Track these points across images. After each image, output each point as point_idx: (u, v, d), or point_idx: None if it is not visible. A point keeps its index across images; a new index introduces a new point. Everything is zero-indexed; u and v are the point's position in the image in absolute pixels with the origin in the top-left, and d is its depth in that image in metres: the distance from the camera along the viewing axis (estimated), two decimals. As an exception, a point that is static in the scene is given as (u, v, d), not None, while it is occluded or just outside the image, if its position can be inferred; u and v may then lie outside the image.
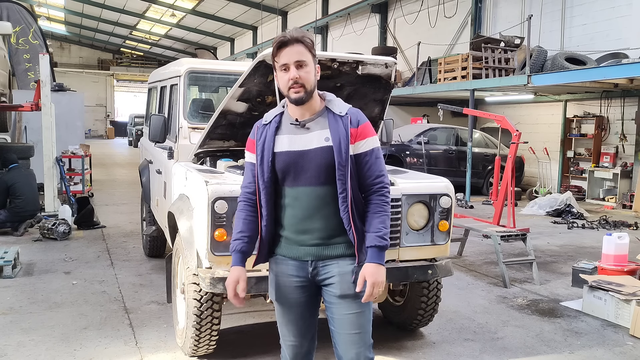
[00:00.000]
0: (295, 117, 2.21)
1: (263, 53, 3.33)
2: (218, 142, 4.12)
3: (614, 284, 4.62)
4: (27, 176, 7.50)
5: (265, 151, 2.20)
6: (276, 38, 2.17)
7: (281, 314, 2.31)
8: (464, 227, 6.36)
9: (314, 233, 2.20)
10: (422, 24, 16.50)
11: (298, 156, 2.17)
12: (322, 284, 2.25)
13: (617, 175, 11.50)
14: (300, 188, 2.18)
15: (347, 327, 2.21)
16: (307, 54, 2.15)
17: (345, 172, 2.13)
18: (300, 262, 2.24)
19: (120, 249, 6.48)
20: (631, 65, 8.77)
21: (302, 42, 2.13)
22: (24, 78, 12.32)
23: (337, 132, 2.15)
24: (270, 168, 2.19)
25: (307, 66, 2.14)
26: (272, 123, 2.24)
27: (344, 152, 2.13)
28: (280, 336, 2.36)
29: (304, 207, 2.18)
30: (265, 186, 2.20)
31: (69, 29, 36.60)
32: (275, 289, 2.29)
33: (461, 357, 3.77)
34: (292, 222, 2.21)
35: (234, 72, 4.63)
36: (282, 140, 2.20)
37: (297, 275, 2.24)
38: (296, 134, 2.19)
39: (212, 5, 25.90)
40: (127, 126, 31.54)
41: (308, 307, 2.30)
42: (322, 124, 2.19)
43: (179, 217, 3.53)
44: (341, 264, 2.21)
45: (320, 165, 2.15)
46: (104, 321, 4.18)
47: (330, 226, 2.19)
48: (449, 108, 9.02)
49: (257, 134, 2.26)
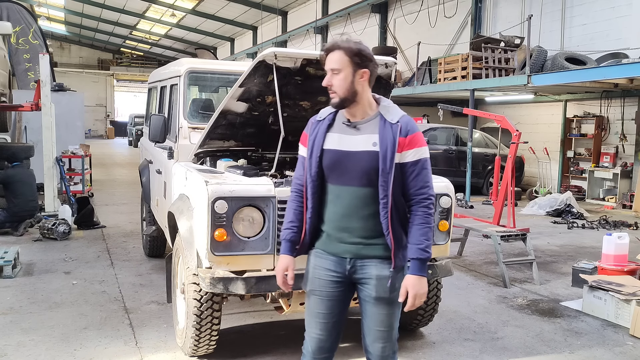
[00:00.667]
0: (348, 118, 2.28)
1: (263, 53, 3.34)
2: (218, 142, 4.12)
3: (614, 284, 4.62)
4: (28, 175, 7.51)
5: (315, 146, 2.28)
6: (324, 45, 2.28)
7: (312, 306, 2.37)
8: (464, 227, 6.36)
9: (353, 232, 2.27)
10: (422, 24, 16.50)
11: (344, 156, 2.24)
12: (359, 283, 2.32)
13: (617, 175, 11.51)
14: (342, 187, 2.25)
15: (378, 324, 2.31)
16: (345, 62, 2.20)
17: (387, 179, 2.19)
18: (338, 259, 2.31)
19: (120, 249, 6.48)
20: (631, 65, 8.77)
21: (341, 50, 2.20)
22: (24, 78, 12.32)
23: (385, 139, 2.20)
24: (317, 163, 2.27)
25: (341, 73, 2.20)
26: (325, 120, 2.32)
27: (389, 160, 2.18)
28: (306, 328, 2.41)
29: (344, 205, 2.26)
30: (312, 180, 2.28)
31: (69, 29, 36.60)
32: (310, 280, 2.36)
33: (461, 357, 3.77)
34: (333, 219, 2.29)
35: (234, 72, 4.63)
36: (332, 138, 2.28)
37: (334, 271, 2.32)
38: (346, 133, 2.27)
39: (212, 5, 25.90)
40: (127, 126, 31.53)
41: (339, 303, 2.36)
42: (372, 128, 2.25)
43: (179, 217, 3.53)
44: (379, 267, 2.28)
45: (363, 168, 2.22)
46: (104, 321, 4.18)
47: (369, 227, 2.26)
48: (449, 108, 9.02)
49: (310, 129, 2.35)
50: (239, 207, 3.11)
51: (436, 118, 11.46)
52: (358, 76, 2.22)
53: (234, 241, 3.11)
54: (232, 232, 3.10)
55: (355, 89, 2.22)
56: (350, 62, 2.20)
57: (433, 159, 10.90)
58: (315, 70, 3.53)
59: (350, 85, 2.21)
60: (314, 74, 3.57)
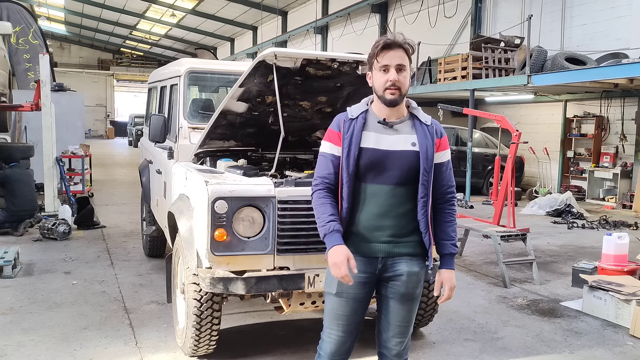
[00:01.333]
0: (383, 117, 2.29)
1: (263, 53, 3.34)
2: (218, 142, 4.12)
3: (614, 284, 4.62)
4: (26, 175, 7.51)
5: (352, 145, 2.25)
6: (381, 39, 2.26)
7: (335, 308, 2.35)
8: (464, 227, 6.36)
9: (386, 230, 2.28)
10: (422, 24, 16.49)
11: (383, 155, 2.25)
12: (388, 280, 2.34)
13: (617, 175, 11.50)
14: (380, 186, 2.26)
15: (399, 319, 2.36)
16: (407, 60, 2.26)
17: (429, 178, 2.27)
18: (369, 259, 2.31)
19: (120, 249, 6.48)
20: (631, 65, 8.77)
21: (403, 48, 2.23)
22: (24, 78, 12.32)
23: (425, 139, 2.27)
24: (355, 162, 2.25)
25: (406, 71, 2.25)
26: (359, 119, 2.30)
27: (429, 159, 2.26)
28: (326, 329, 2.40)
29: (380, 204, 2.27)
30: (349, 179, 2.26)
31: (69, 29, 36.60)
32: (338, 282, 2.30)
33: (461, 357, 3.78)
34: (366, 218, 2.28)
35: (234, 72, 4.63)
36: (369, 137, 2.27)
37: (364, 272, 2.30)
38: (383, 133, 2.28)
39: (212, 5, 25.90)
40: (127, 126, 31.53)
41: (363, 305, 2.37)
42: (408, 128, 2.30)
43: (179, 217, 3.53)
44: (409, 264, 2.32)
45: (404, 166, 2.25)
46: (104, 321, 4.18)
47: (402, 225, 2.29)
48: (449, 108, 9.02)
49: (343, 127, 2.29)
50: (239, 207, 3.11)
51: (436, 118, 11.28)
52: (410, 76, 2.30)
53: (234, 241, 3.11)
54: (232, 232, 3.10)
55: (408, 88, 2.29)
56: (409, 60, 2.27)
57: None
58: (315, 70, 3.53)
59: (409, 84, 2.28)
60: (313, 74, 3.57)
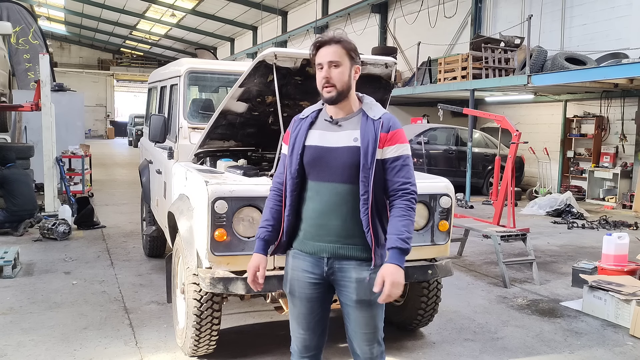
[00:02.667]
0: (330, 115, 2.28)
1: (263, 53, 3.34)
2: (218, 142, 4.12)
3: (614, 284, 4.62)
4: (24, 175, 7.51)
5: (296, 143, 2.28)
6: (316, 39, 2.25)
7: (292, 307, 2.37)
8: (464, 227, 6.36)
9: (330, 229, 2.23)
10: (422, 24, 16.50)
11: (325, 152, 2.22)
12: (338, 285, 2.29)
13: (617, 175, 11.51)
14: (322, 183, 2.23)
15: (362, 327, 2.29)
16: (344, 56, 2.20)
17: (368, 175, 2.16)
18: (316, 259, 2.27)
19: (120, 249, 6.48)
20: (631, 65, 8.77)
21: (339, 43, 2.20)
22: (24, 78, 12.32)
23: (367, 135, 2.19)
24: (298, 160, 2.25)
25: (341, 67, 2.19)
26: (308, 118, 2.32)
27: (370, 155, 2.16)
28: (290, 328, 2.41)
29: (323, 201, 2.23)
30: (292, 177, 2.27)
31: (69, 29, 36.59)
32: (289, 282, 2.34)
33: (461, 357, 3.77)
34: (311, 216, 2.26)
35: (234, 72, 4.63)
36: (313, 135, 2.27)
37: (312, 272, 2.29)
38: (328, 130, 2.26)
39: (212, 5, 25.90)
40: (127, 126, 31.54)
41: (320, 303, 2.34)
42: (354, 124, 2.24)
43: (179, 217, 3.53)
44: (358, 269, 2.25)
45: (345, 163, 2.20)
46: (104, 321, 4.18)
47: (348, 225, 2.22)
48: (449, 108, 9.02)
49: (292, 127, 2.35)
50: (239, 207, 3.11)
51: (436, 118, 11.47)
52: (353, 71, 2.23)
53: (234, 241, 3.11)
54: (232, 232, 3.10)
55: (350, 84, 2.23)
56: (348, 56, 2.21)
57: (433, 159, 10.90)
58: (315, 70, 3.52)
59: (348, 80, 2.21)
60: (313, 74, 3.55)
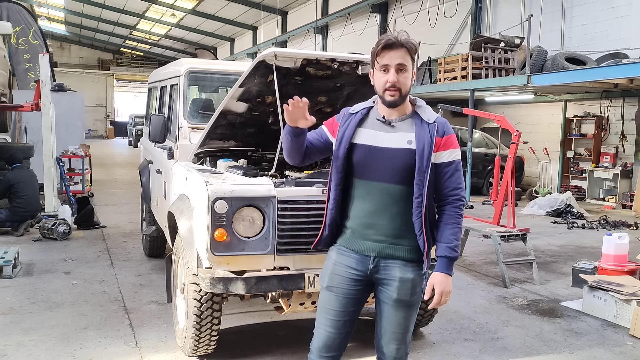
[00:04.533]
0: (383, 115, 2.26)
1: (263, 53, 3.33)
2: (218, 142, 4.12)
3: (614, 284, 4.62)
4: (30, 176, 7.51)
5: (344, 139, 2.26)
6: (382, 38, 2.20)
7: (326, 302, 2.34)
8: (464, 227, 6.35)
9: (379, 229, 2.23)
10: (422, 24, 16.49)
11: (378, 152, 2.21)
12: (380, 283, 2.29)
13: (617, 175, 11.50)
14: (374, 182, 2.22)
15: (394, 326, 2.30)
16: (409, 59, 2.19)
17: (423, 178, 2.17)
18: (362, 257, 2.27)
19: (120, 249, 6.48)
20: (631, 65, 8.77)
21: (406, 47, 2.17)
22: (24, 78, 12.32)
23: (422, 138, 2.18)
24: (344, 156, 2.24)
25: (407, 72, 2.19)
26: (357, 114, 2.30)
27: (425, 159, 2.16)
28: (316, 323, 2.38)
29: (373, 201, 2.22)
30: (337, 172, 2.27)
31: (69, 29, 36.59)
32: (329, 276, 2.32)
33: (461, 357, 3.77)
34: (360, 215, 2.25)
35: (234, 72, 4.63)
36: (364, 133, 2.26)
37: (356, 269, 2.28)
38: (380, 130, 2.25)
39: (212, 5, 25.89)
40: (127, 126, 31.53)
41: (354, 302, 2.33)
42: (408, 126, 2.23)
43: (179, 217, 3.53)
44: (403, 269, 2.25)
45: (398, 165, 2.19)
46: (104, 321, 4.18)
47: (396, 226, 2.23)
48: (449, 108, 9.02)
49: (342, 119, 2.32)
50: (239, 207, 3.11)
51: (436, 118, 11.43)
52: (413, 76, 2.24)
53: (234, 241, 3.11)
54: (232, 232, 3.10)
55: (410, 88, 2.23)
56: (412, 60, 2.21)
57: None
58: (315, 70, 3.53)
59: (410, 85, 2.21)
60: (313, 74, 3.57)
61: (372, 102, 2.33)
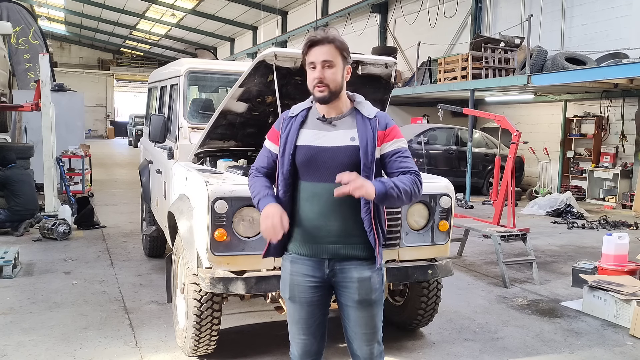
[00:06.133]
0: (323, 114, 2.24)
1: (263, 53, 3.34)
2: (218, 142, 4.12)
3: (614, 284, 4.62)
4: (26, 175, 7.51)
5: (288, 143, 2.22)
6: (307, 37, 2.20)
7: (292, 312, 2.32)
8: (464, 227, 6.36)
9: (330, 231, 2.19)
10: (422, 24, 16.50)
11: (321, 152, 2.18)
12: (340, 287, 2.26)
13: (617, 175, 11.51)
14: (320, 184, 2.18)
15: (362, 327, 2.26)
16: (337, 55, 2.16)
17: (369, 174, 2.14)
18: (316, 261, 2.24)
19: (120, 249, 6.48)
20: (631, 65, 8.77)
21: (332, 43, 2.16)
22: (24, 78, 12.33)
23: (365, 134, 2.16)
24: (290, 161, 2.20)
25: (334, 67, 2.15)
26: (298, 116, 2.27)
27: (370, 154, 2.14)
28: (290, 334, 2.37)
29: (322, 203, 2.18)
30: (284, 178, 2.22)
31: (69, 29, 36.59)
32: (289, 287, 2.29)
33: (461, 357, 3.77)
34: (309, 217, 2.20)
35: (234, 72, 4.63)
36: (306, 135, 2.22)
37: (312, 275, 2.25)
38: (322, 129, 2.21)
39: (212, 5, 25.89)
40: (127, 126, 31.54)
41: (320, 307, 2.31)
42: (349, 123, 2.21)
43: (179, 217, 3.53)
44: (359, 269, 2.22)
45: (343, 163, 2.16)
46: (104, 321, 4.18)
47: (347, 225, 2.19)
48: (449, 108, 9.02)
49: (282, 125, 2.28)
50: (239, 207, 3.11)
51: (436, 118, 11.46)
52: (345, 72, 2.21)
53: (234, 241, 3.11)
54: (232, 232, 3.10)
55: (342, 85, 2.20)
56: (341, 56, 2.18)
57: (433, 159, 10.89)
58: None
59: (340, 80, 2.18)
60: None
61: (310, 102, 2.30)
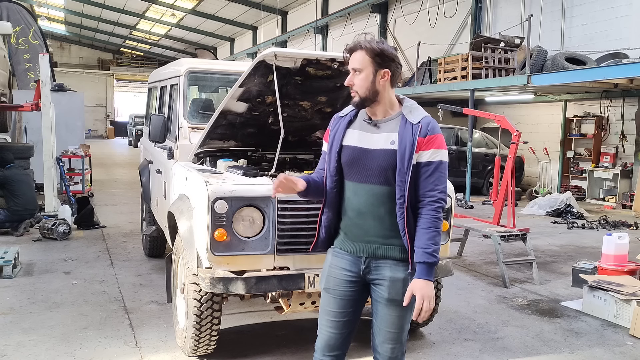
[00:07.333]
0: (369, 116, 2.31)
1: (263, 53, 3.33)
2: (218, 142, 4.12)
3: (614, 284, 4.62)
4: (25, 175, 7.51)
5: (334, 142, 2.32)
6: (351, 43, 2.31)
7: (324, 302, 2.39)
8: (464, 227, 6.36)
9: (368, 230, 2.27)
10: (422, 24, 16.50)
11: (362, 153, 2.25)
12: (372, 283, 2.32)
13: (617, 175, 11.50)
14: (360, 184, 2.26)
15: (388, 325, 2.31)
16: (367, 62, 2.22)
17: (404, 179, 2.18)
18: (354, 258, 2.31)
19: (120, 249, 6.48)
20: (631, 65, 8.77)
21: (363, 49, 2.22)
22: (24, 78, 12.32)
23: (404, 138, 2.20)
24: (336, 159, 2.30)
25: (362, 73, 2.23)
26: (346, 117, 2.35)
27: (407, 159, 2.18)
28: (319, 325, 2.41)
29: (361, 202, 2.26)
30: (331, 175, 2.32)
31: (69, 29, 36.59)
32: (326, 279, 2.38)
33: (461, 357, 3.78)
34: (350, 216, 2.30)
35: (234, 72, 4.63)
36: (352, 135, 2.30)
37: (349, 270, 2.32)
38: (366, 131, 2.29)
39: (212, 5, 25.90)
40: (127, 126, 31.54)
41: (352, 303, 2.36)
42: (392, 127, 2.25)
43: (179, 217, 3.53)
44: (393, 269, 2.27)
45: (381, 166, 2.22)
46: (104, 321, 4.18)
47: (385, 226, 2.25)
48: (449, 108, 9.02)
49: (332, 125, 2.39)
50: (239, 207, 3.11)
51: (436, 118, 11.32)
52: (379, 76, 2.23)
53: (234, 241, 3.11)
54: (232, 232, 3.10)
55: (376, 89, 2.23)
56: (372, 62, 2.22)
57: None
58: (315, 70, 3.53)
59: (371, 85, 2.22)
60: (313, 74, 3.57)
61: None
